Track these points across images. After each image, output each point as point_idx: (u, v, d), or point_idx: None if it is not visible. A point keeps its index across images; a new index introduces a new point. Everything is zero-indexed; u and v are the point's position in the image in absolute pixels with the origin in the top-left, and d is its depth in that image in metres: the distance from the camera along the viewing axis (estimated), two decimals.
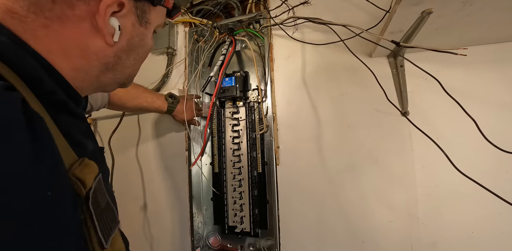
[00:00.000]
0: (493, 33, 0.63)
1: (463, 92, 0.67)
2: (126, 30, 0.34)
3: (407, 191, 0.71)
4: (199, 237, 0.94)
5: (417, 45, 0.57)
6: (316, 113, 0.83)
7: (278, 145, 0.86)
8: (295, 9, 0.86)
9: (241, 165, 0.90)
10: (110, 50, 0.34)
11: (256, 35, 0.93)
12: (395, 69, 0.74)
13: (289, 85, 0.87)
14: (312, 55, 0.85)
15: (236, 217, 0.88)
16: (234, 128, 0.92)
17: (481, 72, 0.68)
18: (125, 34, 0.34)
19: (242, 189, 0.89)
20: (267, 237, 0.85)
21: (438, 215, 0.68)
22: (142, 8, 0.35)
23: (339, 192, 0.77)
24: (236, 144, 0.91)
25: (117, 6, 0.31)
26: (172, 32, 1.06)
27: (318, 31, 0.84)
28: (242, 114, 0.92)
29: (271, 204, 0.84)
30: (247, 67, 0.95)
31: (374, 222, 0.73)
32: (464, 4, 0.51)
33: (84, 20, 0.30)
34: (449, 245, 0.66)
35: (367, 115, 0.77)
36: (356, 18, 0.78)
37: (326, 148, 0.80)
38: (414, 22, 0.57)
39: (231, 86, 0.87)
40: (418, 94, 0.72)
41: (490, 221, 0.64)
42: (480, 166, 0.64)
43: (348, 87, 0.80)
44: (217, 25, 0.94)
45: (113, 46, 0.34)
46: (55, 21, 0.29)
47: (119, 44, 0.34)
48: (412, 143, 0.71)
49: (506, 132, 0.64)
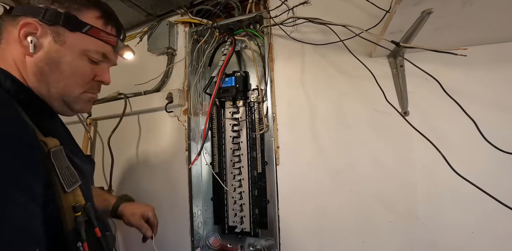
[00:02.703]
0: (493, 33, 0.63)
1: (463, 92, 0.67)
2: (42, 45, 0.46)
3: (407, 191, 0.71)
4: (199, 237, 0.94)
5: (417, 45, 0.57)
6: (316, 113, 0.83)
7: (278, 145, 0.86)
8: (295, 9, 0.86)
9: (241, 165, 0.90)
10: (31, 59, 0.46)
11: (256, 35, 0.93)
12: (395, 69, 0.74)
13: (289, 85, 0.87)
14: (312, 55, 0.85)
15: (236, 217, 0.88)
16: (234, 128, 0.92)
17: (481, 72, 0.68)
18: (41, 48, 0.46)
19: (242, 189, 0.89)
20: (267, 237, 0.85)
21: (438, 215, 0.68)
22: (56, 31, 0.46)
23: (339, 192, 0.77)
24: (236, 144, 0.91)
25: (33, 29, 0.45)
26: (172, 32, 1.06)
27: (318, 31, 0.84)
28: (242, 114, 0.92)
29: (271, 204, 0.84)
30: (247, 67, 0.95)
31: (374, 222, 0.73)
32: (464, 4, 0.51)
33: (17, 41, 0.45)
34: (449, 245, 0.66)
35: (367, 115, 0.77)
36: (356, 18, 0.78)
37: (326, 148, 0.80)
38: (414, 22, 0.57)
39: (231, 86, 0.87)
40: (418, 94, 0.72)
41: (490, 221, 0.64)
42: (479, 166, 0.64)
43: (348, 87, 0.80)
44: (217, 25, 0.94)
45: (32, 57, 0.46)
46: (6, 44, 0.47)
47: (38, 56, 0.46)
48: (412, 143, 0.71)
49: (505, 133, 0.64)
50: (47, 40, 0.46)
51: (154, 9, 1.06)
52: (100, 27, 0.49)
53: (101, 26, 0.49)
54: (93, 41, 0.49)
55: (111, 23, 0.51)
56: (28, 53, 0.45)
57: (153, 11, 1.07)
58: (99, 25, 0.49)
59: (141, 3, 1.01)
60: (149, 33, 1.08)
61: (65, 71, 0.47)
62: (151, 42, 1.07)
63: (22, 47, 0.45)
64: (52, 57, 0.46)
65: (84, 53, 0.48)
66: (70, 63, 0.47)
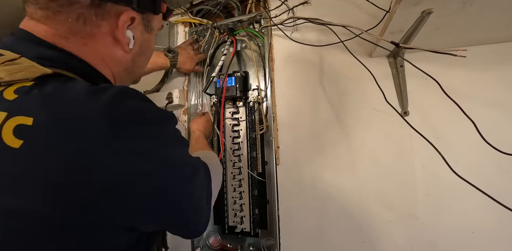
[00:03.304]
0: (493, 33, 0.63)
1: (463, 92, 0.67)
2: (137, 38, 0.42)
3: (407, 191, 0.71)
4: (199, 237, 0.94)
5: (417, 46, 0.57)
6: (316, 113, 0.83)
7: (278, 145, 0.86)
8: (295, 9, 0.86)
9: (241, 165, 0.90)
10: (128, 56, 0.42)
11: (256, 35, 0.93)
12: (395, 69, 0.74)
13: (289, 85, 0.87)
14: (312, 55, 0.85)
15: (236, 217, 0.88)
16: (234, 128, 0.92)
17: (481, 72, 0.68)
18: (137, 41, 0.42)
19: (242, 189, 0.89)
20: (267, 237, 0.85)
21: (438, 215, 0.68)
22: (147, 18, 0.42)
23: (339, 192, 0.77)
24: (236, 144, 0.91)
25: (130, 20, 0.39)
26: (172, 32, 1.06)
27: (318, 31, 0.84)
28: (242, 114, 0.92)
29: (271, 204, 0.84)
30: (247, 67, 0.95)
31: (374, 222, 0.73)
32: (464, 4, 0.51)
33: (108, 35, 0.39)
34: (449, 245, 0.66)
35: (367, 115, 0.77)
36: (356, 18, 0.78)
37: (326, 148, 0.80)
38: (414, 22, 0.57)
39: (231, 86, 0.88)
40: (418, 94, 0.72)
41: (490, 221, 0.64)
42: (479, 167, 0.64)
43: (348, 87, 0.80)
44: (217, 25, 0.94)
45: (130, 53, 0.42)
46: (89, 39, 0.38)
47: (133, 50, 0.42)
48: (412, 143, 0.71)
49: (505, 133, 0.64)
50: (139, 30, 0.42)
51: None
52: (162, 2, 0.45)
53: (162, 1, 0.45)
54: (161, 18, 0.46)
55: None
56: (126, 49, 0.41)
57: None
58: None
59: None
60: None
61: (148, 55, 0.47)
62: None
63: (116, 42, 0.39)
64: (143, 47, 0.44)
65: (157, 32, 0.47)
66: (151, 47, 0.47)
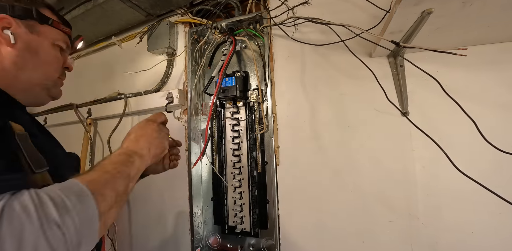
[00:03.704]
0: (493, 33, 0.63)
1: (463, 92, 0.67)
2: (21, 36, 0.51)
3: (407, 191, 0.71)
4: (199, 237, 0.94)
5: (417, 45, 0.57)
6: (316, 113, 0.83)
7: (278, 145, 0.86)
8: (295, 9, 0.86)
9: (241, 165, 0.90)
10: (13, 50, 0.50)
11: (256, 35, 0.93)
12: (395, 69, 0.74)
13: (289, 85, 0.87)
14: (312, 55, 0.85)
15: (236, 217, 0.88)
16: (234, 128, 0.92)
17: (481, 72, 0.68)
18: (21, 38, 0.51)
19: (242, 189, 0.89)
20: (267, 237, 0.85)
21: (438, 215, 0.68)
22: (28, 24, 0.52)
23: (339, 192, 0.77)
24: (236, 144, 0.91)
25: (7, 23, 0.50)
26: (172, 32, 1.06)
27: (318, 31, 0.84)
28: (242, 114, 0.92)
29: (271, 204, 0.84)
30: (247, 67, 0.95)
31: (374, 222, 0.73)
32: (464, 4, 0.51)
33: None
34: (449, 245, 0.66)
35: (367, 115, 0.77)
36: (356, 18, 0.78)
37: (326, 148, 0.80)
38: (414, 22, 0.57)
39: (231, 86, 0.87)
40: (418, 94, 0.72)
41: (490, 221, 0.64)
42: (479, 166, 0.64)
43: (348, 87, 0.80)
44: (217, 25, 0.94)
45: (14, 47, 0.50)
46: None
47: (18, 46, 0.50)
48: (412, 143, 0.71)
49: (505, 133, 0.64)
50: (23, 31, 0.51)
51: (154, 9, 1.06)
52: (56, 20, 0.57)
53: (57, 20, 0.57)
54: (57, 32, 0.56)
55: (61, 19, 0.59)
56: (9, 44, 0.50)
57: (153, 11, 1.07)
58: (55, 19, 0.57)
59: (141, 3, 1.01)
60: (149, 33, 1.08)
61: (43, 57, 0.54)
62: (151, 42, 1.07)
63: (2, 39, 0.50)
64: (32, 46, 0.52)
65: (55, 42, 0.55)
66: (46, 51, 0.54)
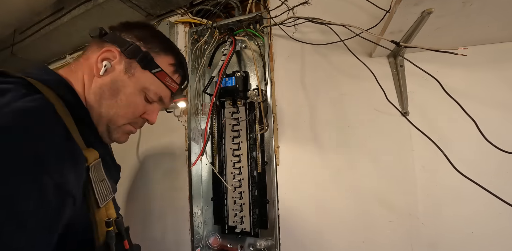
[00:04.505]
0: (493, 33, 0.63)
1: (463, 92, 0.67)
2: (113, 72, 0.51)
3: (407, 191, 0.71)
4: (199, 237, 0.94)
5: (417, 45, 0.57)
6: (316, 113, 0.82)
7: (278, 145, 0.86)
8: (295, 9, 0.86)
9: (241, 165, 0.90)
10: (97, 80, 0.50)
11: (256, 35, 0.93)
12: (395, 69, 0.74)
13: (289, 85, 0.87)
14: (312, 55, 0.85)
15: (236, 217, 0.88)
16: (234, 128, 0.92)
17: (481, 72, 0.68)
18: (111, 74, 0.51)
19: (242, 189, 0.89)
20: (267, 237, 0.85)
21: (438, 215, 0.68)
22: (129, 63, 0.51)
23: (339, 192, 0.77)
24: (236, 144, 0.91)
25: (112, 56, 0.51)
26: (172, 32, 1.06)
27: (318, 31, 0.84)
28: (242, 114, 0.92)
29: (271, 204, 0.84)
30: (247, 67, 0.95)
31: (374, 222, 0.73)
32: (464, 4, 0.51)
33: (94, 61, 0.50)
34: (449, 245, 0.66)
35: (367, 115, 0.77)
36: (356, 18, 0.78)
37: (326, 148, 0.80)
38: (414, 22, 0.57)
39: (231, 86, 0.87)
40: (418, 94, 0.72)
41: (490, 221, 0.64)
42: (480, 166, 0.64)
43: (348, 87, 0.80)
44: (217, 25, 0.94)
45: (101, 79, 0.50)
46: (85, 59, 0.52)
47: (103, 79, 0.50)
48: (412, 143, 0.71)
49: (506, 132, 0.64)
50: (119, 68, 0.51)
51: (154, 9, 1.06)
52: (169, 73, 0.55)
53: (170, 73, 0.55)
54: (157, 83, 0.53)
55: (179, 72, 0.57)
56: (97, 74, 0.50)
57: (153, 11, 1.07)
58: (169, 71, 0.55)
59: (141, 3, 1.01)
60: None
61: (121, 100, 0.51)
62: None
63: (95, 68, 0.50)
64: (115, 84, 0.50)
65: (144, 90, 0.53)
66: (127, 95, 0.51)
